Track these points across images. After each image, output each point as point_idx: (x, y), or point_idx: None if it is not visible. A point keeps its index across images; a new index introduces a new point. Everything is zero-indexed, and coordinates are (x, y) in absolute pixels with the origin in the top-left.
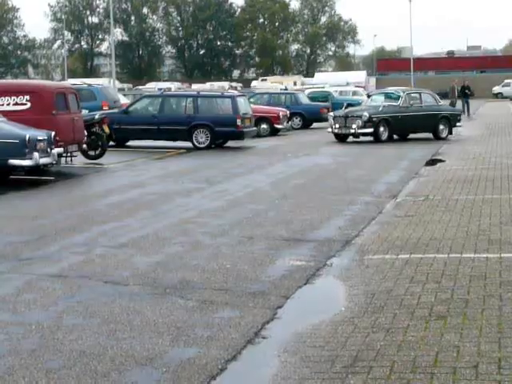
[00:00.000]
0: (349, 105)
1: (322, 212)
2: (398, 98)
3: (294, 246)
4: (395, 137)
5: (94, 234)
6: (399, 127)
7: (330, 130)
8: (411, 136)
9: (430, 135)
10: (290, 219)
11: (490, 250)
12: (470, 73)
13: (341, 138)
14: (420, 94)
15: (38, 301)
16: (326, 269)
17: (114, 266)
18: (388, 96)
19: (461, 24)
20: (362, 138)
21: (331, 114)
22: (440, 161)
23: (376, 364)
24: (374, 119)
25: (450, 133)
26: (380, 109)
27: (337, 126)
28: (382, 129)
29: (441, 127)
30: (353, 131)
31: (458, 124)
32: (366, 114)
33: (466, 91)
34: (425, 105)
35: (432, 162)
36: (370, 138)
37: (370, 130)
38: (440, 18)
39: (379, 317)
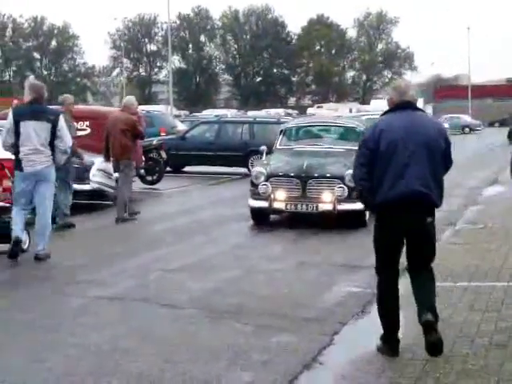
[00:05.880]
0: None
1: None
2: (359, 137)
3: (351, 273)
4: None
5: (149, 259)
6: None
7: (254, 203)
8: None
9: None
10: (346, 246)
11: None
12: None
13: (257, 216)
14: None
15: (95, 323)
16: None
17: (169, 290)
18: (333, 130)
19: None
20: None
21: (259, 169)
22: None
23: None
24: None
25: None
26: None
27: (280, 196)
28: None
29: None
30: (329, 208)
31: None
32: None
33: None
34: None
35: None
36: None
37: (360, 204)
38: (499, 44)
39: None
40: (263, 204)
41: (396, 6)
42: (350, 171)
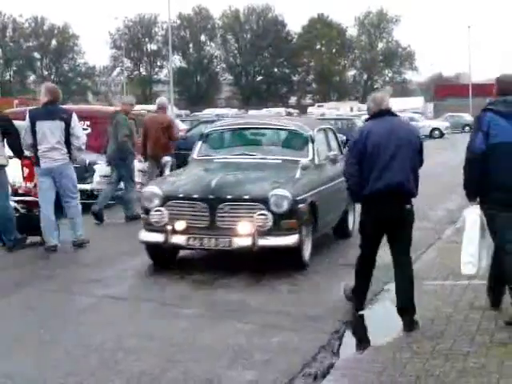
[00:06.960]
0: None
1: None
2: (304, 144)
3: (351, 272)
4: None
5: None
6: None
7: (146, 235)
8: None
9: None
10: (346, 245)
11: None
12: None
13: (154, 253)
14: (326, 130)
15: (98, 322)
16: (384, 294)
17: (172, 289)
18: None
19: None
20: None
21: (152, 188)
22: None
23: None
24: (301, 207)
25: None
26: (297, 176)
27: (179, 226)
28: (304, 232)
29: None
30: (246, 243)
31: None
32: (284, 193)
33: None
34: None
35: None
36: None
37: (294, 238)
38: (500, 43)
39: (438, 342)
40: (157, 237)
41: (396, 4)
42: (279, 191)
